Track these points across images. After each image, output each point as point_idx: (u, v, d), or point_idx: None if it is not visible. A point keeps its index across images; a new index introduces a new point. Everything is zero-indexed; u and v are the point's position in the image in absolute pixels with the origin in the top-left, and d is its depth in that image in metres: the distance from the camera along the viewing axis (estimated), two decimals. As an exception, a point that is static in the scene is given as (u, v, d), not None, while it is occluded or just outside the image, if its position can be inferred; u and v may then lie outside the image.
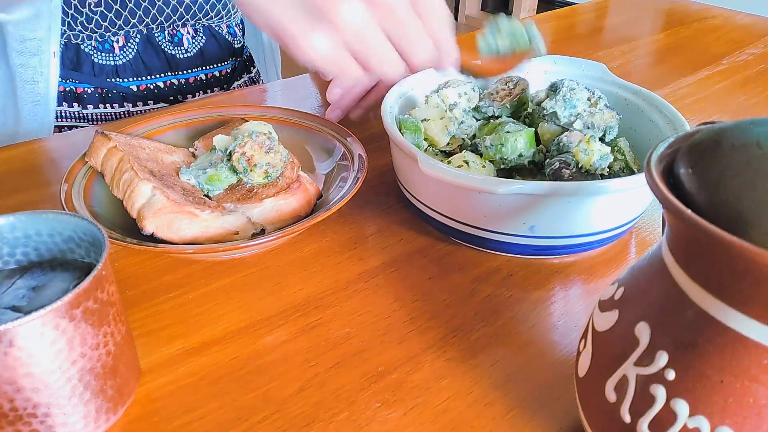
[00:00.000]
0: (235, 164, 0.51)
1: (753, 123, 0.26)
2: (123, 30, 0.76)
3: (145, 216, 0.45)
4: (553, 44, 1.03)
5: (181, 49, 0.82)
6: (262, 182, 0.51)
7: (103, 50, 0.77)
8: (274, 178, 0.51)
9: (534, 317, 0.44)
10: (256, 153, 0.51)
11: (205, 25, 0.84)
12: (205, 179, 0.51)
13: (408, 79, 0.60)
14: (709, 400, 0.25)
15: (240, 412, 0.37)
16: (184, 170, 0.52)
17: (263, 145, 0.51)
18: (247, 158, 0.50)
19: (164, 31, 0.80)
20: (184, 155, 0.56)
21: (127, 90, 0.80)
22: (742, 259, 0.22)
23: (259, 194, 0.50)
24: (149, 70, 0.81)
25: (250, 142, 0.51)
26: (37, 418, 0.32)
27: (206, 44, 0.85)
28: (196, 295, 0.46)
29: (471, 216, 0.48)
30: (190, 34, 0.83)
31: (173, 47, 0.82)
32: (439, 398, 0.38)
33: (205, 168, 0.52)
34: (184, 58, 0.83)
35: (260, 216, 0.49)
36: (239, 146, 0.51)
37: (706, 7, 1.20)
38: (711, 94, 0.82)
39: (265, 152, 0.51)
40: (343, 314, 0.44)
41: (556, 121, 0.54)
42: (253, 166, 0.50)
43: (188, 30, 0.82)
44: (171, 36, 0.81)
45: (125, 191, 0.47)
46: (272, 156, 0.51)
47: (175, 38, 0.81)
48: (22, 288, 0.36)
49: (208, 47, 0.85)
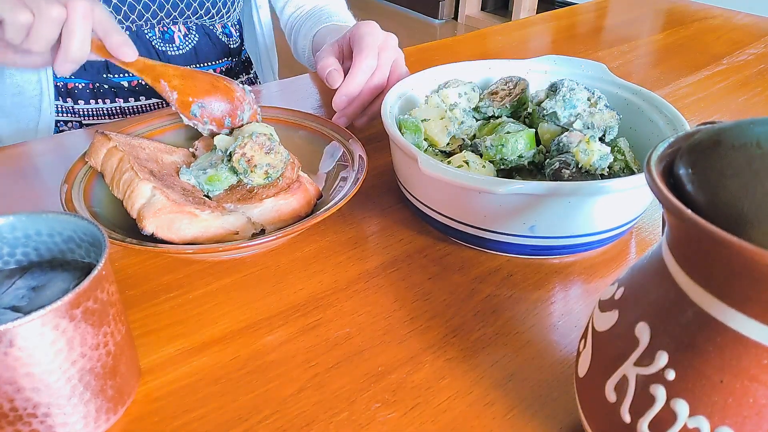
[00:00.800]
0: (236, 165, 0.51)
1: (753, 123, 0.26)
2: None
3: (145, 216, 0.45)
4: (553, 44, 1.03)
5: (173, 47, 0.82)
6: (263, 183, 0.51)
7: None
8: (274, 179, 0.51)
9: (534, 317, 0.44)
10: (257, 154, 0.51)
11: (198, 24, 0.84)
12: (205, 179, 0.51)
13: (408, 79, 0.60)
14: (709, 400, 0.25)
15: (240, 412, 0.37)
16: (184, 170, 0.52)
17: (263, 145, 0.51)
18: (247, 159, 0.50)
19: (154, 28, 0.80)
20: (184, 155, 0.56)
21: (118, 86, 0.80)
22: (742, 259, 0.22)
23: (259, 194, 0.50)
24: None
25: (250, 143, 0.51)
26: (37, 418, 0.32)
27: (199, 43, 0.84)
28: (196, 295, 0.46)
29: (471, 216, 0.48)
30: (181, 32, 0.82)
31: (164, 44, 0.81)
32: (439, 398, 0.38)
33: (205, 168, 0.52)
34: (176, 56, 0.83)
35: (260, 216, 0.49)
36: (239, 147, 0.51)
37: (706, 7, 1.20)
38: (711, 94, 0.82)
39: (266, 153, 0.51)
40: (343, 314, 0.44)
41: (556, 122, 0.54)
42: (254, 167, 0.51)
43: (180, 28, 0.82)
44: (161, 33, 0.81)
45: (125, 191, 0.47)
46: (272, 157, 0.51)
47: (165, 35, 0.81)
48: (22, 288, 0.36)
49: (202, 46, 0.85)
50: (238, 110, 0.58)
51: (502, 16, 3.51)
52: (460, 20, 3.58)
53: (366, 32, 0.64)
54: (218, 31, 0.86)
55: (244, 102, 0.58)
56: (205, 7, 0.82)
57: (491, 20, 3.46)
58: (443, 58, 0.92)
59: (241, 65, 0.93)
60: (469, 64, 0.64)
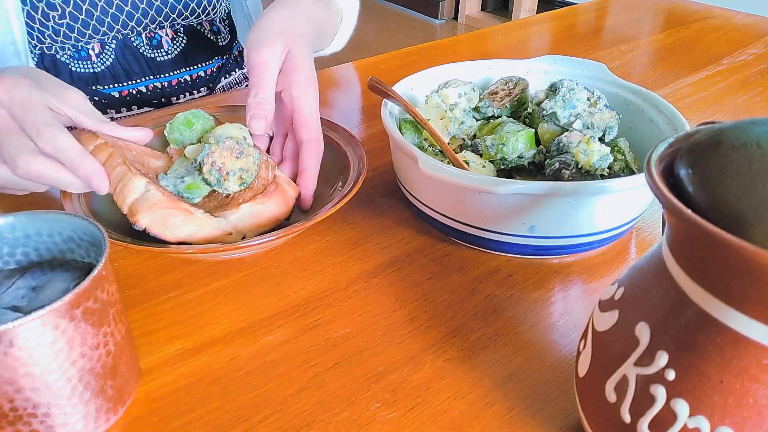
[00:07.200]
0: (207, 176, 0.48)
1: (753, 123, 0.26)
2: (95, 38, 0.74)
3: (139, 210, 0.43)
4: (553, 44, 1.03)
5: (161, 52, 0.80)
6: (238, 189, 0.49)
7: (80, 58, 0.75)
8: (249, 183, 0.49)
9: (534, 317, 0.44)
10: (227, 160, 0.47)
11: (185, 25, 0.81)
12: (183, 188, 0.48)
13: (408, 79, 0.60)
14: (709, 400, 0.25)
15: (240, 412, 0.37)
16: (162, 177, 0.49)
17: (233, 150, 0.47)
18: (218, 168, 0.47)
19: (141, 35, 0.78)
20: (168, 161, 0.54)
21: (109, 97, 0.78)
22: (742, 259, 0.22)
23: (236, 199, 0.48)
24: (129, 75, 0.78)
25: (218, 150, 0.47)
26: (37, 418, 0.32)
27: (188, 45, 0.82)
28: (196, 295, 0.46)
29: (471, 216, 0.48)
30: (169, 36, 0.80)
31: (152, 50, 0.79)
32: (439, 398, 0.38)
33: (183, 176, 0.49)
34: (165, 61, 0.81)
35: (238, 222, 0.47)
36: (207, 156, 0.47)
37: (706, 7, 1.20)
38: (711, 94, 0.82)
39: (236, 157, 0.48)
40: (343, 314, 0.44)
41: (556, 122, 0.54)
42: (226, 175, 0.47)
43: (167, 32, 0.80)
44: (149, 39, 0.79)
45: (116, 185, 0.45)
46: (244, 160, 0.48)
47: (153, 41, 0.79)
48: (22, 288, 0.36)
49: (190, 48, 0.82)
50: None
51: (502, 16, 3.51)
52: (460, 20, 3.58)
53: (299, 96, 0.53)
54: (206, 29, 0.84)
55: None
56: (190, 8, 0.79)
57: (491, 20, 3.46)
58: (443, 58, 0.92)
59: (233, 61, 0.91)
60: (469, 64, 0.64)
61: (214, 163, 0.47)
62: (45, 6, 0.69)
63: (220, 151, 0.47)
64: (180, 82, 0.83)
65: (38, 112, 0.44)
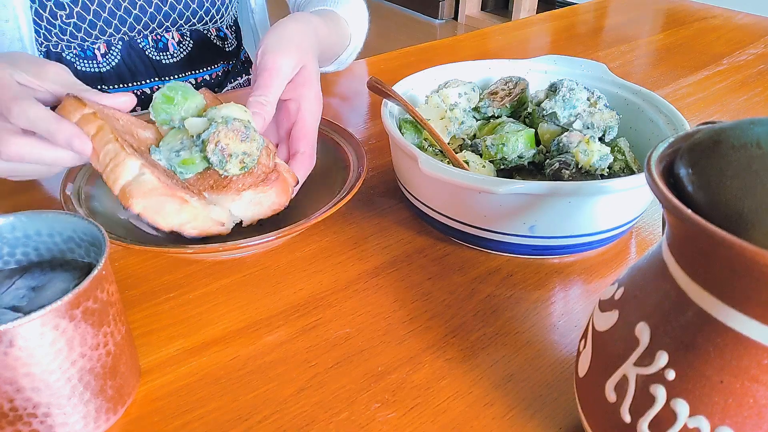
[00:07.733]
0: (210, 156, 0.46)
1: (753, 123, 0.26)
2: (102, 38, 0.75)
3: (133, 195, 0.42)
4: (553, 44, 1.03)
5: (167, 54, 0.81)
6: (239, 173, 0.47)
7: (86, 57, 0.75)
8: (250, 167, 0.48)
9: (534, 317, 0.44)
10: (232, 142, 0.46)
11: (192, 30, 0.82)
12: (178, 162, 0.47)
13: (408, 79, 0.60)
14: (709, 400, 0.25)
15: (240, 412, 0.37)
16: (154, 150, 0.47)
17: (239, 132, 0.46)
18: (221, 148, 0.46)
19: (147, 38, 0.78)
20: (156, 132, 0.51)
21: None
22: (742, 259, 0.22)
23: (236, 184, 0.47)
24: (135, 77, 0.79)
25: (224, 130, 0.46)
26: (37, 418, 0.32)
27: (194, 49, 0.83)
28: (196, 295, 0.46)
29: (471, 216, 0.48)
30: (175, 39, 0.81)
31: (158, 53, 0.80)
32: (439, 398, 0.38)
33: (178, 150, 0.47)
34: (171, 63, 0.81)
35: (238, 210, 0.47)
36: (213, 135, 0.46)
37: (706, 7, 1.20)
38: (711, 94, 0.82)
39: (241, 141, 0.47)
40: (343, 314, 0.44)
41: (556, 122, 0.55)
42: (229, 156, 0.46)
43: (173, 35, 0.80)
44: (155, 42, 0.79)
45: (107, 164, 0.43)
46: (248, 144, 0.47)
47: (159, 44, 0.79)
48: (22, 288, 0.36)
49: (196, 51, 0.83)
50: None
51: (502, 16, 3.51)
52: (460, 20, 3.58)
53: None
54: (213, 34, 0.85)
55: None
56: (198, 15, 0.80)
57: (491, 20, 3.46)
58: (443, 58, 0.92)
59: (240, 66, 0.92)
60: (469, 64, 0.64)
61: (219, 143, 0.46)
62: (53, 5, 0.69)
63: (226, 131, 0.46)
64: None
65: (5, 89, 0.43)
